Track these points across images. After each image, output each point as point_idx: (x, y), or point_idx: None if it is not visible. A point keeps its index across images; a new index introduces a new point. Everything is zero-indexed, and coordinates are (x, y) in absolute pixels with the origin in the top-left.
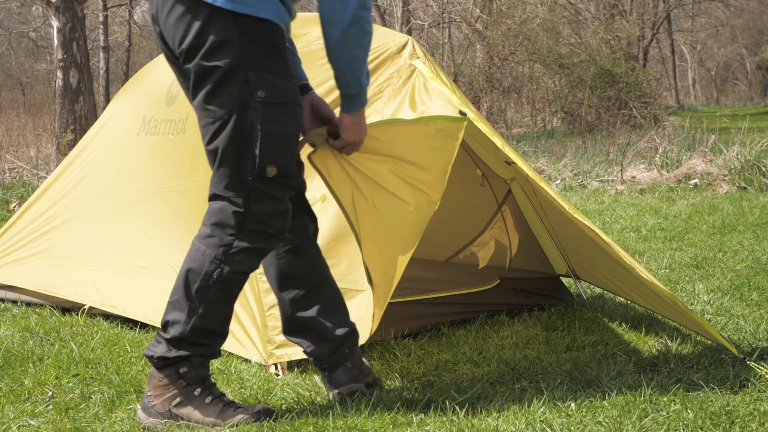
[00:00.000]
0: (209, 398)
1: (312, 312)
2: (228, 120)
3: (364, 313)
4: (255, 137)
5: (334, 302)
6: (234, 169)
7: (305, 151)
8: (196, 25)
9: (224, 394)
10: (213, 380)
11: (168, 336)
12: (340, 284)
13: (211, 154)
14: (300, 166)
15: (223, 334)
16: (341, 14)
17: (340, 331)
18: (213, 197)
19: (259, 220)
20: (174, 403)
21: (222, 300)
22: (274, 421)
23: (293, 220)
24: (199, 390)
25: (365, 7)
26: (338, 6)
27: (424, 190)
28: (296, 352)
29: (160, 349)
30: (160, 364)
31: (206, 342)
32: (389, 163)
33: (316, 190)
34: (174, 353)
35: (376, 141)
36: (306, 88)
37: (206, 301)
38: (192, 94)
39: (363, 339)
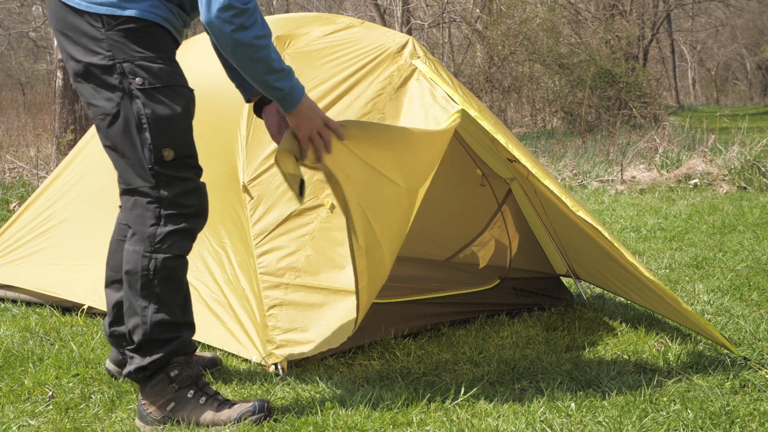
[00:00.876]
0: (203, 398)
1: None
2: (117, 114)
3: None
4: (144, 124)
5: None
6: (134, 160)
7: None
8: (73, 27)
9: (218, 393)
10: (205, 380)
11: (135, 345)
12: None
13: (110, 151)
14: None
15: (188, 323)
16: (222, 42)
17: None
18: (123, 193)
19: (173, 203)
20: (169, 408)
21: (169, 289)
22: (269, 413)
23: None
24: (192, 392)
25: (244, 26)
26: (216, 35)
27: (411, 182)
28: (296, 352)
29: (135, 363)
30: (141, 376)
31: (172, 335)
32: (376, 162)
33: (325, 196)
34: (148, 360)
35: (362, 140)
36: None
37: (154, 295)
38: (82, 95)
39: (341, 341)
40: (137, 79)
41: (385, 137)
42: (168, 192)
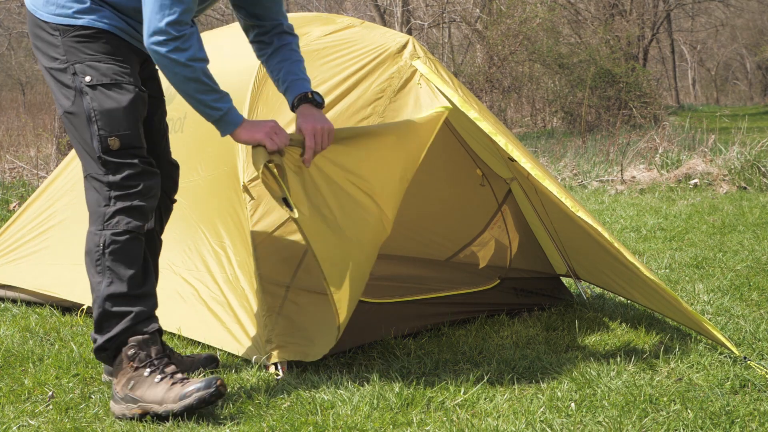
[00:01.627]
0: (158, 377)
1: None
2: (74, 110)
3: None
4: (93, 117)
5: None
6: (88, 150)
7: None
8: (39, 37)
9: (178, 371)
10: (167, 359)
11: (95, 323)
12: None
13: (74, 143)
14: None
15: (143, 295)
16: (160, 63)
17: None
18: (85, 179)
19: (120, 185)
20: (129, 387)
21: (119, 263)
22: (219, 391)
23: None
24: (149, 370)
25: (179, 48)
26: (155, 57)
27: (380, 204)
28: (295, 352)
29: (96, 343)
30: (104, 356)
31: (125, 308)
32: (350, 176)
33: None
34: (104, 338)
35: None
36: (305, 99)
37: (106, 269)
38: (54, 97)
39: (331, 345)
40: (87, 77)
41: (361, 141)
42: (116, 176)
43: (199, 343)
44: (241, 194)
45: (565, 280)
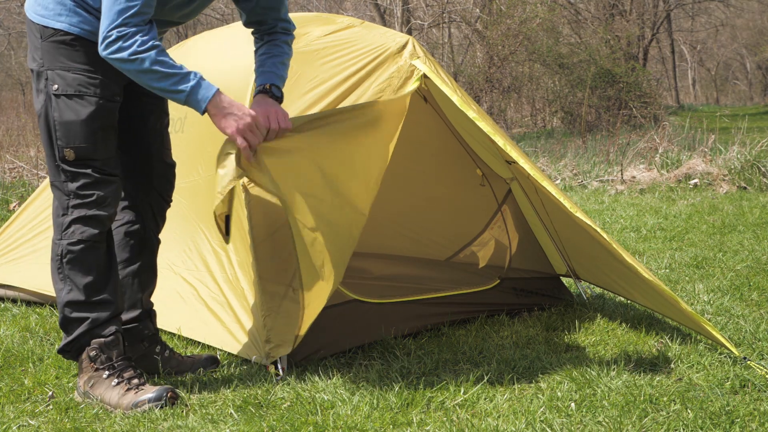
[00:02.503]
0: (115, 381)
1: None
2: (41, 114)
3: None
4: (54, 126)
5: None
6: (49, 156)
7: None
8: (29, 36)
9: (135, 377)
10: (127, 363)
11: (59, 325)
12: None
13: (43, 145)
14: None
15: (99, 303)
16: (115, 65)
17: None
18: (50, 186)
19: (77, 195)
20: (89, 385)
21: (76, 271)
22: (170, 401)
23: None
24: (107, 373)
25: (121, 48)
26: (110, 63)
27: (354, 202)
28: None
29: (61, 343)
30: (67, 356)
31: (82, 315)
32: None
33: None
34: (65, 341)
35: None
36: (263, 90)
37: (66, 278)
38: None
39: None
40: (54, 85)
41: (335, 128)
42: (72, 186)
43: (199, 343)
44: (241, 194)
45: (565, 280)
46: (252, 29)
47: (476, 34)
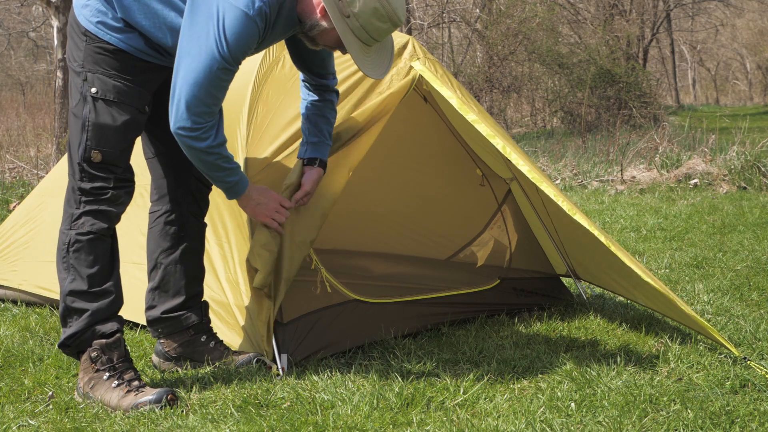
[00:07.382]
0: (116, 383)
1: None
2: (75, 112)
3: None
4: (87, 127)
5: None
6: (73, 153)
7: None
8: (72, 36)
9: (135, 379)
10: (128, 365)
11: (60, 316)
12: None
13: (70, 139)
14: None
15: (101, 294)
16: (181, 144)
17: None
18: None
19: (90, 193)
20: (90, 386)
21: (81, 261)
22: (170, 403)
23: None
24: (107, 374)
25: (199, 138)
26: (178, 140)
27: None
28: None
29: (61, 337)
30: (68, 352)
31: (84, 306)
32: None
33: None
34: (65, 335)
35: None
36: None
37: (70, 266)
38: (69, 91)
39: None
40: (93, 88)
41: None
42: (87, 186)
43: None
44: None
45: (565, 280)
46: (303, 77)
47: (476, 34)
